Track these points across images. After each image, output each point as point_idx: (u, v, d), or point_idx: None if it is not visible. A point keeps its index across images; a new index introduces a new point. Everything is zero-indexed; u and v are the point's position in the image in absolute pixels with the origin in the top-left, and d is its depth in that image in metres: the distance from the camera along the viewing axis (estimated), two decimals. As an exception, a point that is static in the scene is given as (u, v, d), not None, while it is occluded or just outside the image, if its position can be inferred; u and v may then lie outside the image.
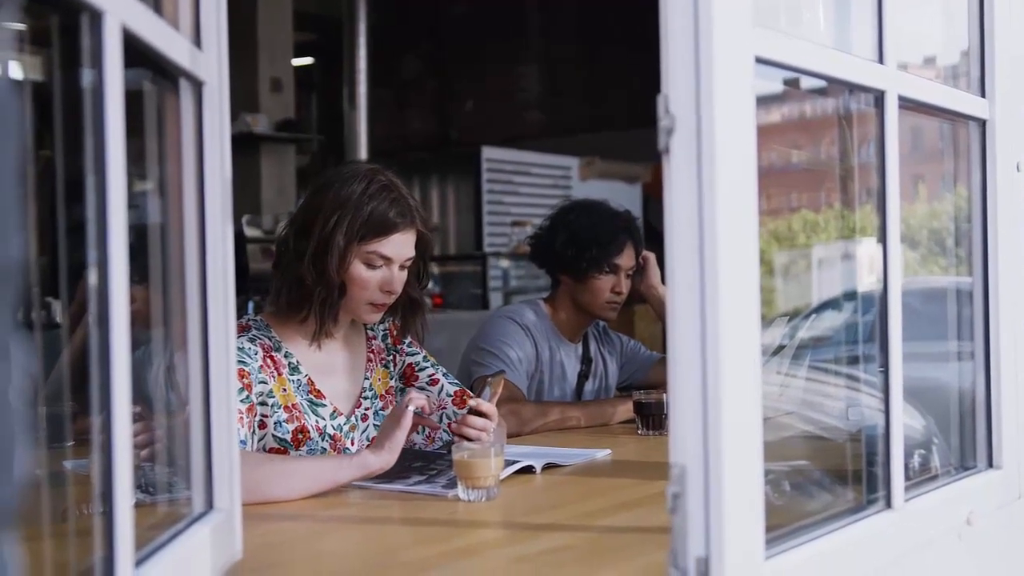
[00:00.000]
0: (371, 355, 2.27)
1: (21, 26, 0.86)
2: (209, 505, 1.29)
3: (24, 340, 0.60)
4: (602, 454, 2.26)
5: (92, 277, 0.94)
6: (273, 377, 2.07)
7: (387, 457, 1.87)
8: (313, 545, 1.59)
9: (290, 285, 2.10)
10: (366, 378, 2.24)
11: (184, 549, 1.16)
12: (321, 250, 2.05)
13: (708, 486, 1.11)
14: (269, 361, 2.09)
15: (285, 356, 2.12)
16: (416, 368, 2.31)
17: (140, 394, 1.21)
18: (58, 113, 0.99)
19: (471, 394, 2.29)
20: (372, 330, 2.29)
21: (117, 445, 0.94)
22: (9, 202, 0.56)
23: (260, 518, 1.64)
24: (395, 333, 2.31)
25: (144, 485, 1.32)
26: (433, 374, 2.30)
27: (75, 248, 0.99)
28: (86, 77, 0.93)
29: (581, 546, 1.54)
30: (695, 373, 1.12)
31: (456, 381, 2.33)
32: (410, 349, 2.32)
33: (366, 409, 2.22)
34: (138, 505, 0.99)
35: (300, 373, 2.12)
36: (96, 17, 0.91)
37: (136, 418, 1.37)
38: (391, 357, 2.30)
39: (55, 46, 0.96)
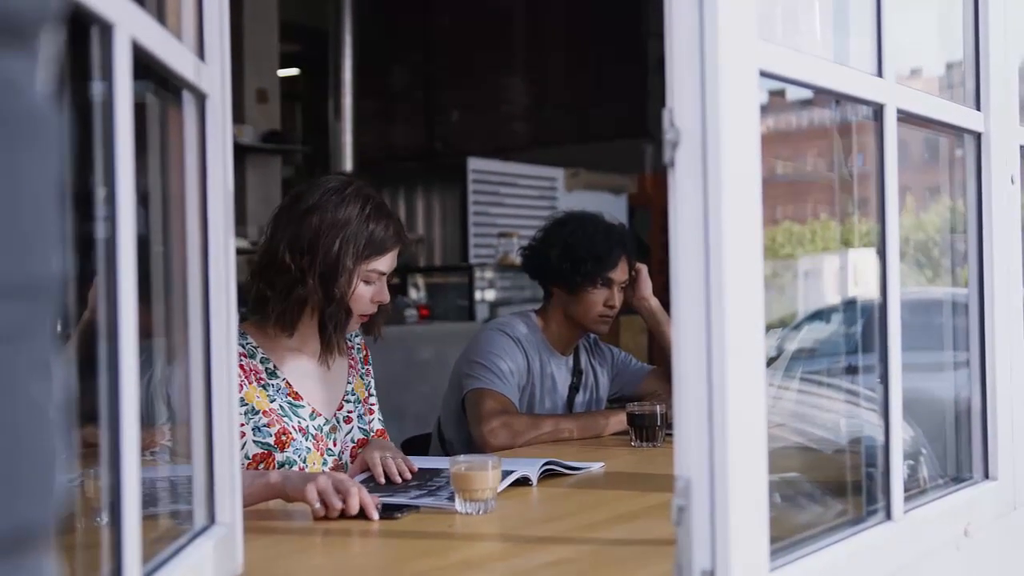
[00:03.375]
0: (351, 363, 2.33)
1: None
2: (211, 519, 1.28)
3: (63, 357, 0.60)
4: (596, 467, 2.26)
5: (100, 288, 0.94)
6: (244, 384, 2.09)
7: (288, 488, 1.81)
8: (313, 559, 1.58)
9: (292, 303, 2.11)
10: (348, 382, 2.30)
11: (187, 564, 1.15)
12: (330, 273, 2.10)
13: (713, 498, 1.11)
14: (239, 369, 2.09)
15: (261, 362, 2.16)
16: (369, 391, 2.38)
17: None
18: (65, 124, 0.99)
19: (386, 435, 2.35)
20: (349, 340, 2.34)
21: (125, 459, 0.94)
22: (50, 219, 0.56)
23: (261, 532, 1.64)
24: (365, 351, 2.39)
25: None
26: (374, 404, 2.36)
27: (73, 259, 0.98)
28: (95, 89, 0.92)
29: (582, 559, 1.53)
30: (700, 385, 1.12)
31: (380, 418, 2.37)
32: (370, 370, 2.41)
33: (349, 412, 2.27)
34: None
35: (278, 377, 2.17)
36: (106, 30, 0.91)
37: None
38: (364, 370, 2.38)
39: (63, 58, 0.95)
